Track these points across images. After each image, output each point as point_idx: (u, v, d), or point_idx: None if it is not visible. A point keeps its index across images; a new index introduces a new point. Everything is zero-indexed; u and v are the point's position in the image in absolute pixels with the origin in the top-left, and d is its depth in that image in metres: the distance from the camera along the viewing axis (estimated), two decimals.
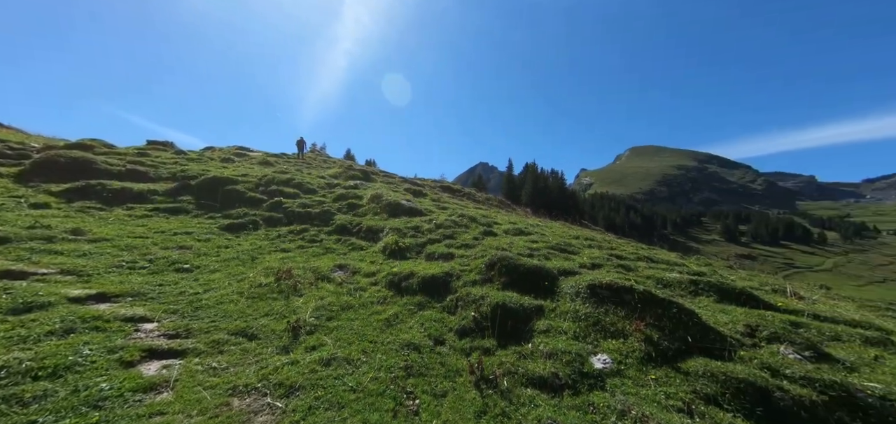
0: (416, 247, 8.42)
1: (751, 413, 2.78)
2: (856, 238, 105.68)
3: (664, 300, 4.51)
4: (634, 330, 4.07)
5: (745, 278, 9.17)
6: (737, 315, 4.67)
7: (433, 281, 6.04)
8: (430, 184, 25.62)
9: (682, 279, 6.21)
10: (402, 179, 24.27)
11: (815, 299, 6.32)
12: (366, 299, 5.29)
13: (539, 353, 3.91)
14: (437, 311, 5.12)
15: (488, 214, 14.58)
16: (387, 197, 12.69)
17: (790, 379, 3.02)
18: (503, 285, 5.90)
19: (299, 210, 10.68)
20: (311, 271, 6.10)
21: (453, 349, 4.05)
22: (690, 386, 3.10)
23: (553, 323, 4.64)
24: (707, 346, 3.70)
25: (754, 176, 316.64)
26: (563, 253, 8.27)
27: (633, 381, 3.30)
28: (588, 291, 5.08)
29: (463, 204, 18.57)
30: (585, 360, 3.68)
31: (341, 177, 16.87)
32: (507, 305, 4.93)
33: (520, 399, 3.08)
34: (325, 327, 4.16)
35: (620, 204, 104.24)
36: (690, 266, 8.93)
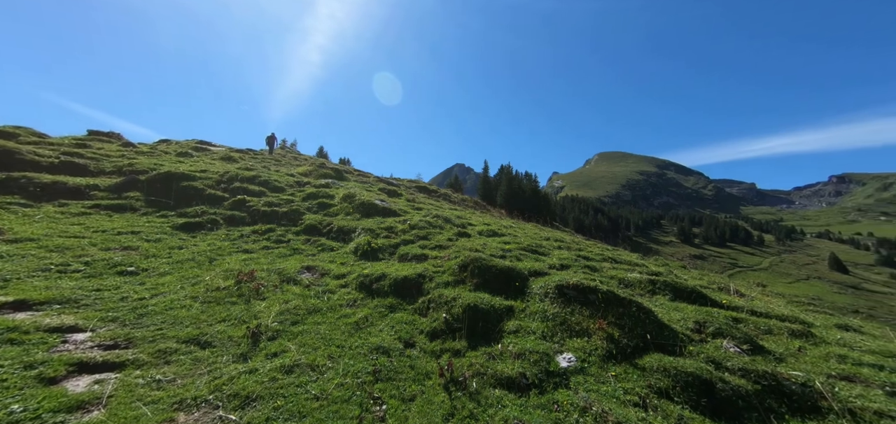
0: (390, 248, 8.26)
1: (697, 404, 2.98)
2: (787, 240, 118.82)
3: (625, 299, 4.74)
4: (597, 328, 4.23)
5: (696, 277, 9.93)
6: (688, 312, 5.01)
7: (405, 282, 5.94)
8: (405, 185, 25.36)
9: (642, 279, 6.58)
10: (377, 179, 23.82)
11: (752, 296, 6.97)
12: (335, 302, 5.09)
13: (508, 354, 3.96)
14: (408, 313, 5.03)
15: (463, 215, 14.68)
16: (360, 196, 12.37)
17: (730, 371, 3.28)
18: (475, 286, 5.93)
19: (265, 209, 10.11)
20: (275, 273, 5.77)
21: (424, 351, 3.99)
22: (646, 381, 3.27)
23: (522, 323, 4.72)
24: (662, 342, 3.94)
25: (706, 182, 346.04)
26: (534, 254, 8.48)
27: (595, 378, 3.43)
28: (556, 292, 5.22)
29: (438, 204, 18.56)
30: (552, 359, 3.77)
31: (312, 176, 16.21)
32: (478, 306, 4.95)
33: (488, 400, 3.09)
34: (289, 332, 3.94)
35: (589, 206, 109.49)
36: (649, 266, 9.52)
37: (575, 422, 2.81)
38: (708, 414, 2.91)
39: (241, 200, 10.33)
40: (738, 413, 2.90)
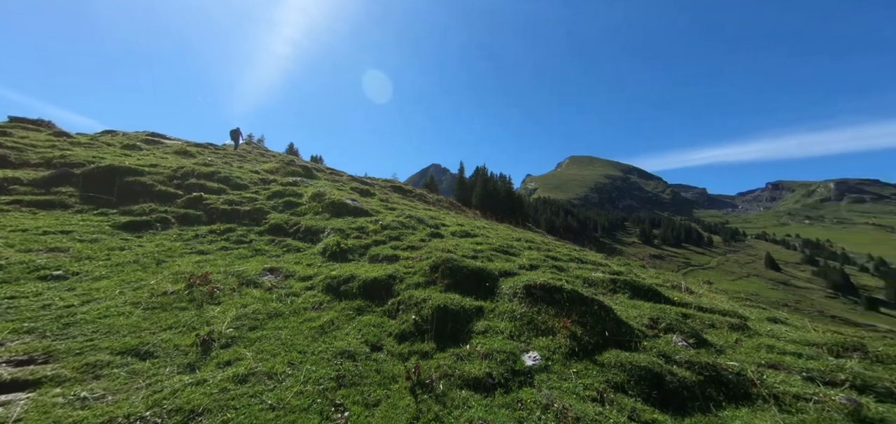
0: (360, 249, 8.05)
1: (648, 396, 3.18)
2: (732, 240, 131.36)
3: (588, 298, 4.96)
4: (562, 327, 4.39)
5: (653, 276, 10.65)
6: (644, 309, 5.34)
7: (375, 284, 5.82)
8: (380, 184, 24.92)
9: (604, 278, 6.93)
10: (351, 178, 23.19)
11: (700, 293, 7.60)
12: (299, 305, 4.86)
13: (476, 354, 3.99)
14: (377, 316, 4.92)
15: (437, 216, 14.67)
16: (330, 195, 11.96)
17: (678, 364, 3.54)
18: (446, 287, 5.93)
19: (225, 207, 9.46)
20: (234, 276, 5.41)
21: (391, 354, 3.92)
22: (604, 376, 3.43)
23: (491, 323, 4.78)
24: (620, 339, 4.16)
25: (664, 187, 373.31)
26: (505, 254, 8.65)
27: (558, 375, 3.54)
28: (524, 291, 5.35)
29: (413, 205, 18.41)
30: (518, 358, 3.85)
31: (279, 173, 15.43)
32: (448, 307, 4.95)
33: (454, 401, 3.08)
34: (245, 338, 3.69)
35: (560, 208, 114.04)
36: (612, 266, 10.08)
37: (537, 419, 2.88)
38: (657, 405, 3.10)
39: (197, 198, 9.59)
40: (683, 403, 3.13)
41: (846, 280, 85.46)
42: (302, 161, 27.16)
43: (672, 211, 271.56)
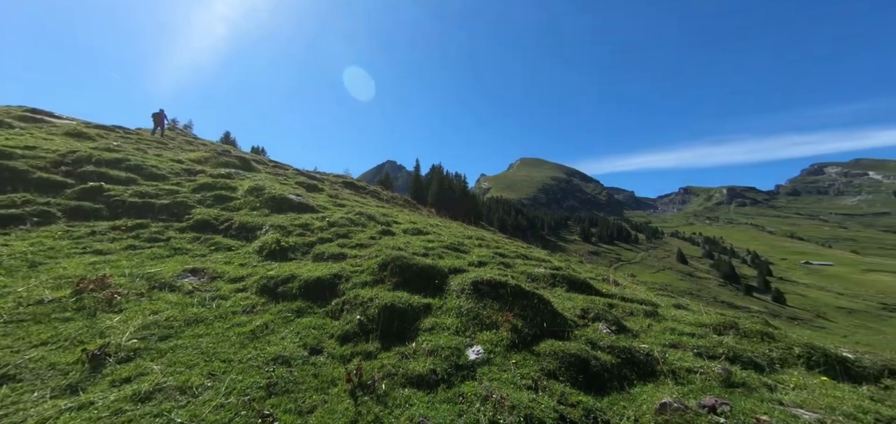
0: (303, 247, 7.54)
1: (576, 380, 3.49)
2: (653, 238, 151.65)
3: (529, 292, 5.28)
4: (505, 320, 4.61)
5: (588, 271, 11.78)
6: (578, 301, 5.87)
7: (318, 284, 5.49)
8: (331, 180, 23.60)
9: (546, 273, 7.45)
10: (297, 171, 21.57)
11: (624, 285, 8.65)
12: (226, 309, 4.36)
13: (422, 351, 3.99)
14: (318, 317, 4.65)
15: (390, 213, 14.38)
16: (271, 190, 10.99)
17: (602, 349, 3.96)
18: (395, 285, 5.83)
19: (135, 200, 8.11)
20: (143, 278, 4.66)
21: (332, 357, 3.73)
22: (540, 365, 3.68)
23: (438, 320, 4.82)
24: (555, 329, 4.51)
25: (601, 189, 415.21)
26: (456, 252, 8.81)
27: (498, 367, 3.71)
28: (471, 288, 5.50)
29: (365, 201, 17.79)
30: (462, 353, 3.95)
31: (209, 164, 13.71)
32: (395, 305, 4.87)
33: (396, 400, 3.04)
34: (153, 350, 3.19)
35: (511, 207, 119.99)
36: (553, 262, 10.88)
37: (477, 411, 2.98)
38: (582, 388, 3.43)
39: (94, 188, 8.06)
40: (604, 384, 3.50)
41: (732, 270, 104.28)
42: (239, 151, 24.54)
43: (607, 211, 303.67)
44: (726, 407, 2.90)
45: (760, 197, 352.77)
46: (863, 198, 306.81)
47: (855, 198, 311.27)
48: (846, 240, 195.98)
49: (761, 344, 4.36)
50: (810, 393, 3.11)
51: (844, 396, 3.02)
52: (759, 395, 3.12)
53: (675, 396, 3.10)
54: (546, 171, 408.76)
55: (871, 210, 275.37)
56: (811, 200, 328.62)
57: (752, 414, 2.76)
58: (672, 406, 2.93)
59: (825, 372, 3.72)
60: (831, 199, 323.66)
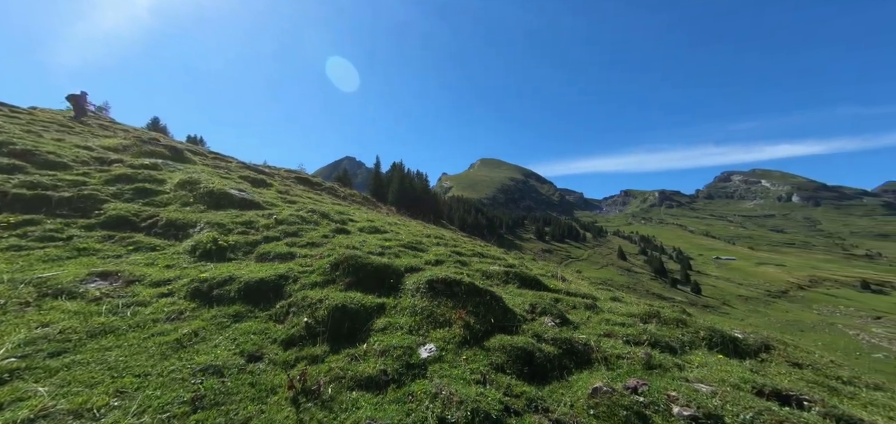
0: (246, 247, 6.94)
1: (521, 372, 3.71)
2: (599, 237, 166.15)
3: (483, 289, 5.45)
4: (458, 318, 4.71)
5: (539, 268, 12.51)
6: (527, 297, 6.20)
7: (261, 286, 5.10)
8: (282, 175, 21.98)
9: (500, 271, 7.75)
10: (242, 165, 19.72)
11: (570, 281, 9.35)
12: (145, 317, 3.84)
13: (373, 352, 3.91)
14: (260, 321, 4.31)
15: (346, 211, 13.83)
16: (209, 184, 9.92)
17: (546, 341, 4.25)
18: (347, 285, 5.64)
19: (21, 192, 6.77)
20: (30, 285, 3.92)
21: (274, 363, 3.49)
22: (489, 360, 3.84)
23: (392, 319, 4.77)
24: (505, 325, 4.72)
25: (554, 191, 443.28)
26: (413, 250, 8.77)
27: (449, 364, 3.78)
28: (426, 286, 5.52)
29: (319, 198, 16.90)
30: (414, 352, 3.95)
31: (128, 152, 11.93)
32: (347, 306, 4.72)
33: (342, 404, 2.95)
34: (40, 369, 2.70)
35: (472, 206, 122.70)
36: (508, 260, 11.37)
37: (425, 409, 3.01)
38: (527, 379, 3.64)
39: None
40: (546, 374, 3.76)
41: (662, 266, 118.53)
42: (170, 140, 21.76)
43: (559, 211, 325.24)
44: (645, 387, 3.29)
45: (684, 200, 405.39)
46: (757, 203, 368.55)
47: (751, 203, 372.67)
48: (745, 238, 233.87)
49: (676, 330, 5.02)
50: (709, 370, 3.67)
51: (733, 369, 3.62)
52: (671, 374, 3.60)
53: (605, 381, 3.44)
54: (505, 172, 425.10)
55: (762, 212, 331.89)
56: (721, 203, 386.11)
57: (664, 391, 3.18)
58: (602, 390, 3.25)
59: (722, 351, 4.42)
60: (736, 203, 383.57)
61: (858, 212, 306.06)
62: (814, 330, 70.80)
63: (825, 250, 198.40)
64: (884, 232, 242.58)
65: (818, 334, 67.53)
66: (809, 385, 3.52)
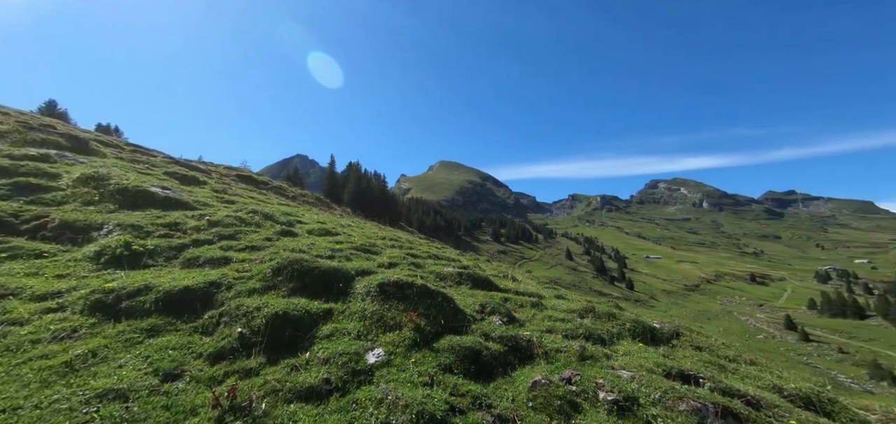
0: (170, 252, 6.13)
1: (468, 371, 3.80)
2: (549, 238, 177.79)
3: (434, 291, 5.48)
4: (408, 321, 4.67)
5: (493, 269, 12.95)
6: (479, 297, 6.38)
7: (186, 295, 4.55)
8: (220, 172, 19.84)
9: (453, 272, 7.86)
10: (170, 159, 17.39)
11: (520, 281, 9.85)
12: (20, 339, 3.18)
13: (316, 361, 3.71)
14: (182, 335, 3.83)
15: (295, 212, 12.95)
16: (121, 180, 8.58)
17: (493, 340, 4.42)
18: (291, 291, 5.29)
19: None
20: None
21: (196, 381, 3.12)
22: (438, 361, 3.87)
23: (339, 325, 4.57)
24: (455, 325, 4.80)
25: (510, 194, 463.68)
26: (366, 253, 8.50)
27: (397, 368, 3.74)
28: (378, 290, 5.39)
29: (264, 199, 15.60)
30: (361, 358, 3.83)
31: (7, 140, 9.81)
32: (289, 313, 4.41)
33: (277, 419, 2.75)
34: None
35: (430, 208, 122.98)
36: (462, 261, 11.60)
37: (370, 415, 2.93)
38: (473, 377, 3.74)
39: None
40: (492, 371, 3.91)
41: (602, 265, 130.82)
42: (71, 128, 18.41)
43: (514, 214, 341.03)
44: (578, 377, 3.59)
45: (621, 204, 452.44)
46: (677, 208, 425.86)
47: (673, 207, 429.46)
48: (668, 239, 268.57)
49: (607, 323, 5.57)
50: (631, 357, 4.14)
51: (649, 356, 4.13)
52: (601, 364, 3.98)
53: (544, 374, 3.68)
54: (463, 175, 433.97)
55: (681, 216, 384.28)
56: (650, 208, 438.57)
57: (594, 379, 3.50)
58: (541, 383, 3.47)
59: (642, 340, 5.01)
60: (661, 208, 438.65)
61: (749, 217, 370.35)
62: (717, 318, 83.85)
63: (726, 249, 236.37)
64: (765, 234, 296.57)
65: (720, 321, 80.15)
66: (705, 364, 4.16)
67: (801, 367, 51.16)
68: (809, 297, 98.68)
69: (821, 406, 3.31)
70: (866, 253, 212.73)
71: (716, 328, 73.06)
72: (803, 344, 65.41)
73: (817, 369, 52.28)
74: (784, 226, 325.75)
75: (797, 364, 53.12)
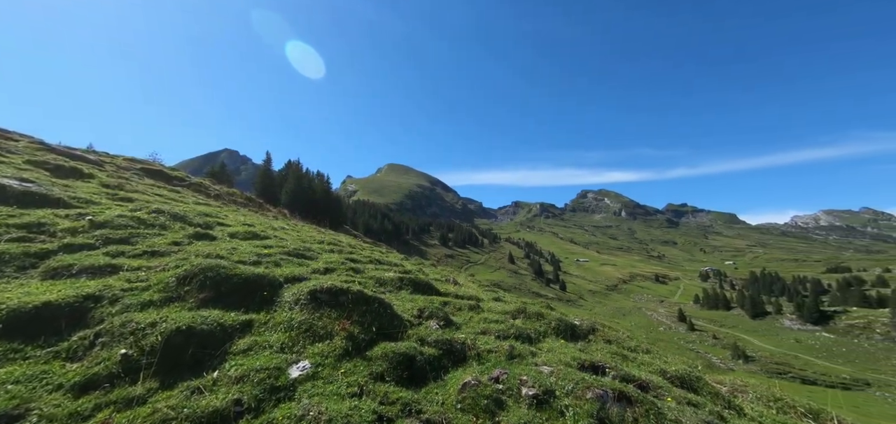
0: (27, 259, 4.91)
1: (401, 377, 3.74)
2: (494, 243, 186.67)
3: (371, 297, 5.30)
4: (340, 329, 4.42)
5: (436, 273, 13.04)
6: (418, 302, 6.34)
7: (44, 312, 3.67)
8: (118, 164, 16.59)
9: (394, 277, 7.71)
10: (40, 146, 13.96)
11: (462, 284, 10.11)
12: None
13: (226, 380, 3.28)
14: (33, 364, 3.06)
15: (216, 213, 11.42)
16: None
17: (429, 344, 4.43)
18: (202, 302, 4.63)
19: None
20: None
21: (49, 420, 2.49)
22: (369, 369, 3.73)
23: (259, 338, 4.13)
24: (391, 332, 4.69)
25: (458, 199, 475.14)
26: (299, 258, 7.88)
27: (324, 380, 3.50)
28: (308, 297, 5.01)
29: (178, 196, 13.46)
30: (283, 373, 3.50)
31: None
32: (194, 328, 3.84)
33: None
34: None
35: (378, 211, 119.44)
36: (405, 265, 11.45)
37: None
38: (406, 384, 3.70)
39: None
40: (425, 375, 3.91)
41: (540, 268, 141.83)
42: None
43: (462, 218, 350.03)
44: (505, 375, 3.79)
45: (557, 212, 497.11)
46: (602, 216, 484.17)
47: (599, 216, 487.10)
48: (594, 244, 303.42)
49: (536, 322, 6.01)
50: (553, 353, 4.53)
51: (568, 351, 4.58)
52: (526, 362, 4.27)
53: (474, 375, 3.80)
54: (413, 179, 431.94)
55: (605, 223, 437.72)
56: (581, 216, 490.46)
57: (519, 376, 3.74)
58: (470, 384, 3.57)
59: (564, 337, 5.52)
60: (589, 215, 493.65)
61: (654, 225, 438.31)
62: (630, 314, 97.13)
63: (638, 253, 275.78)
64: (666, 240, 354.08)
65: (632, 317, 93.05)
66: (612, 356, 4.76)
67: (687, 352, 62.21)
68: (695, 293, 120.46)
69: (690, 384, 4.07)
70: (731, 256, 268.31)
71: (628, 322, 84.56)
72: (690, 333, 79.42)
73: (698, 353, 63.91)
74: (679, 234, 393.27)
75: (685, 350, 64.23)
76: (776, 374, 56.79)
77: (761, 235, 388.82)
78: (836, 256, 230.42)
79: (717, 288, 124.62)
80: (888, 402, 47.17)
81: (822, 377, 56.57)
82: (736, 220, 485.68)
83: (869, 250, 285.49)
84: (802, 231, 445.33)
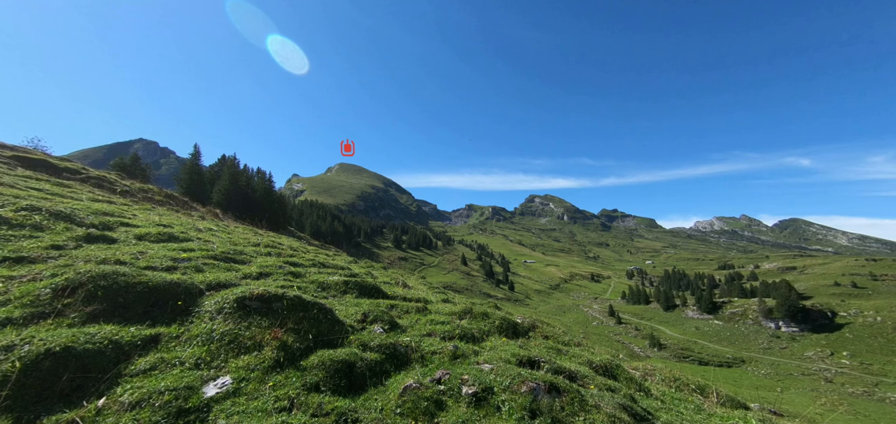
0: None
1: (339, 386, 3.55)
2: (448, 245, 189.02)
3: (309, 303, 4.94)
4: (272, 338, 4.04)
5: (386, 276, 12.72)
6: (364, 306, 6.10)
7: None
8: None
9: (339, 281, 7.32)
10: None
11: (412, 287, 10.01)
12: None
13: (116, 407, 2.77)
14: None
15: (120, 212, 9.71)
16: None
17: (371, 349, 4.28)
18: (90, 317, 3.89)
19: None
20: None
21: None
22: (303, 380, 3.46)
23: (168, 354, 3.58)
24: (331, 338, 4.43)
25: (412, 201, 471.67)
26: (228, 263, 7.06)
27: (248, 396, 3.16)
28: (235, 305, 4.51)
29: (67, 191, 11.14)
30: (195, 392, 3.07)
31: None
32: (72, 349, 3.20)
33: None
34: None
35: (328, 213, 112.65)
36: (352, 269, 10.97)
37: None
38: (343, 392, 3.51)
39: None
40: (365, 382, 3.76)
41: (491, 269, 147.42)
42: None
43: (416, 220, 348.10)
44: (447, 376, 3.83)
45: (507, 215, 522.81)
46: (547, 219, 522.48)
47: (544, 219, 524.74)
48: (540, 246, 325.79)
49: (482, 322, 6.20)
50: (495, 351, 4.71)
51: (509, 348, 4.80)
52: (469, 361, 4.36)
53: (416, 378, 3.76)
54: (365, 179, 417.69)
55: (549, 227, 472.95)
56: (528, 219, 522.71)
57: (460, 376, 3.80)
58: (411, 387, 3.53)
59: (507, 334, 5.79)
60: (536, 219, 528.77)
61: (591, 228, 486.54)
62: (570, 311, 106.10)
63: (577, 254, 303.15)
64: (600, 242, 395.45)
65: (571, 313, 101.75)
66: (549, 350, 5.13)
67: (615, 343, 70.10)
68: (623, 290, 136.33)
69: (611, 372, 4.57)
70: (651, 256, 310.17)
71: (568, 318, 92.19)
72: (618, 326, 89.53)
73: (623, 343, 72.28)
74: (611, 236, 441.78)
75: (613, 342, 72.18)
76: (681, 358, 67.22)
77: (673, 238, 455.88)
78: (725, 256, 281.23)
79: (640, 285, 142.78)
80: (756, 375, 59.12)
81: (713, 358, 68.61)
82: (655, 225, 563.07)
83: (746, 250, 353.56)
84: (702, 234, 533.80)
